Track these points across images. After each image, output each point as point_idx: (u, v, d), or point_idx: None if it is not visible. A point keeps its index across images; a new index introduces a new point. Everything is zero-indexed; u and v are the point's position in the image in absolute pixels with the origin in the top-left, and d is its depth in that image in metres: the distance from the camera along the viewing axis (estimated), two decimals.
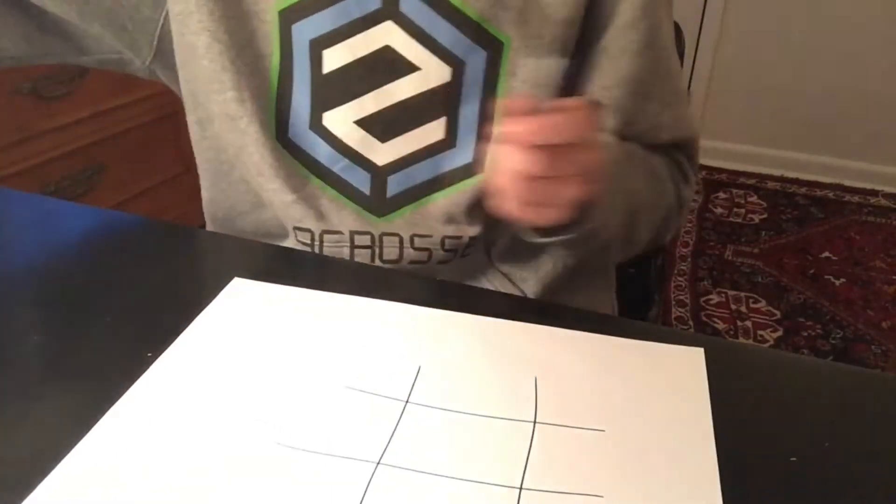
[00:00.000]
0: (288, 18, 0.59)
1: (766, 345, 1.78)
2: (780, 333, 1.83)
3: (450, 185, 0.64)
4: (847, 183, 2.59)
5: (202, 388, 0.44)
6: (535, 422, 0.42)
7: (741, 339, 1.79)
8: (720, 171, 2.67)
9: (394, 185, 0.64)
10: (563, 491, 0.38)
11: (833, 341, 1.81)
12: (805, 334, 1.83)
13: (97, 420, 0.41)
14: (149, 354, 0.47)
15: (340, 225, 0.64)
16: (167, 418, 0.42)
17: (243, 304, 0.52)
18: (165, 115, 1.77)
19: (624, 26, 0.60)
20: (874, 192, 2.55)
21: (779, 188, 2.58)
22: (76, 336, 0.49)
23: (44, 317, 0.51)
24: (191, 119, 0.66)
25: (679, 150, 0.69)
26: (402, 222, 0.64)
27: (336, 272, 0.59)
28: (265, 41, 0.60)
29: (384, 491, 0.38)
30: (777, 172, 2.66)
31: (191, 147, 0.68)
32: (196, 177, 0.69)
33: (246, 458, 0.40)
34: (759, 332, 1.83)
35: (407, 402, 0.44)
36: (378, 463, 0.40)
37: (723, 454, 0.42)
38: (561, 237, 0.56)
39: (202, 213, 0.72)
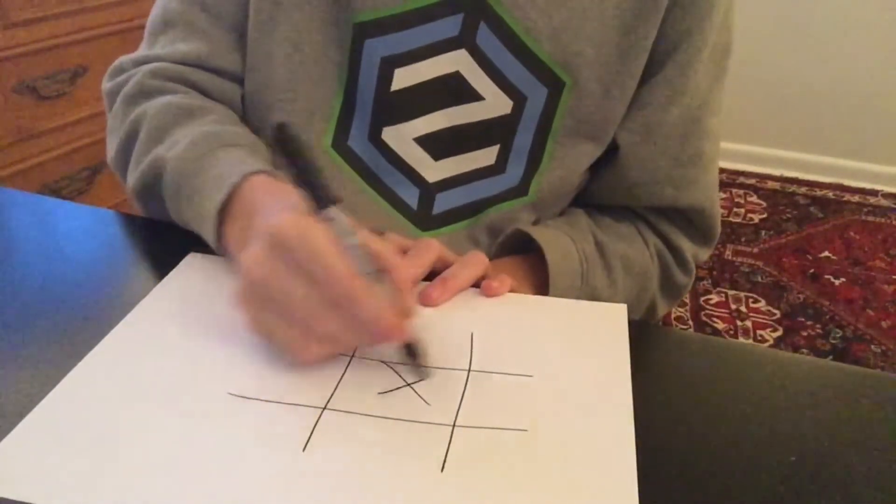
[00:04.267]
0: (362, 33, 0.60)
1: (766, 344, 1.78)
2: (779, 333, 1.83)
3: (493, 206, 0.66)
4: (847, 183, 2.59)
5: (159, 348, 0.47)
6: (469, 370, 0.47)
7: (741, 339, 1.79)
8: (720, 170, 2.67)
9: (441, 202, 0.66)
10: (492, 426, 0.42)
11: (833, 341, 1.81)
12: (805, 334, 1.83)
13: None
14: None
15: (386, 227, 0.65)
16: (125, 377, 0.45)
17: (198, 274, 0.55)
18: None
19: (661, 79, 0.62)
20: (874, 192, 2.55)
21: (778, 188, 2.58)
22: (69, 333, 0.49)
23: (42, 315, 0.51)
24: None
25: (683, 229, 0.69)
26: (443, 240, 0.65)
27: None
28: (338, 51, 0.61)
29: (330, 432, 0.41)
30: (777, 172, 2.66)
31: None
32: None
33: (200, 407, 0.43)
34: (759, 332, 1.83)
35: (352, 356, 0.47)
36: (324, 408, 0.43)
37: (722, 454, 0.42)
38: None
39: None
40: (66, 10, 1.51)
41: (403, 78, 0.61)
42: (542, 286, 0.60)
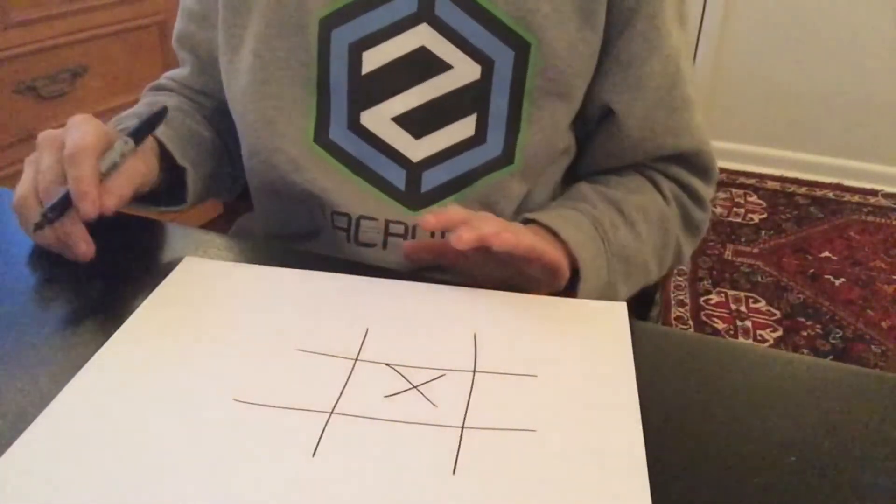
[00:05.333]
0: (328, 25, 0.63)
1: (766, 344, 1.78)
2: (779, 333, 1.83)
3: (480, 177, 0.66)
4: (847, 183, 2.59)
5: (159, 354, 0.47)
6: (474, 371, 0.47)
7: (741, 339, 1.79)
8: (720, 170, 2.66)
9: (428, 180, 0.67)
10: (501, 427, 0.42)
11: (833, 341, 1.81)
12: (805, 334, 1.83)
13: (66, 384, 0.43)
14: None
15: (377, 213, 0.67)
16: (127, 384, 0.44)
17: (196, 279, 0.54)
18: None
19: (634, 35, 0.64)
20: (874, 192, 2.55)
21: (778, 188, 2.58)
22: (69, 333, 0.49)
23: (42, 315, 0.51)
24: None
25: (689, 169, 0.71)
26: None
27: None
28: (306, 51, 0.64)
29: (339, 436, 0.41)
30: (777, 172, 2.66)
31: None
32: None
33: (206, 415, 0.42)
34: (759, 332, 1.83)
35: (356, 359, 0.47)
36: (332, 412, 0.43)
37: (722, 454, 0.42)
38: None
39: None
40: (66, 10, 1.51)
41: (372, 60, 0.63)
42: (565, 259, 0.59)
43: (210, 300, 0.52)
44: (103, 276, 0.56)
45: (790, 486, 0.40)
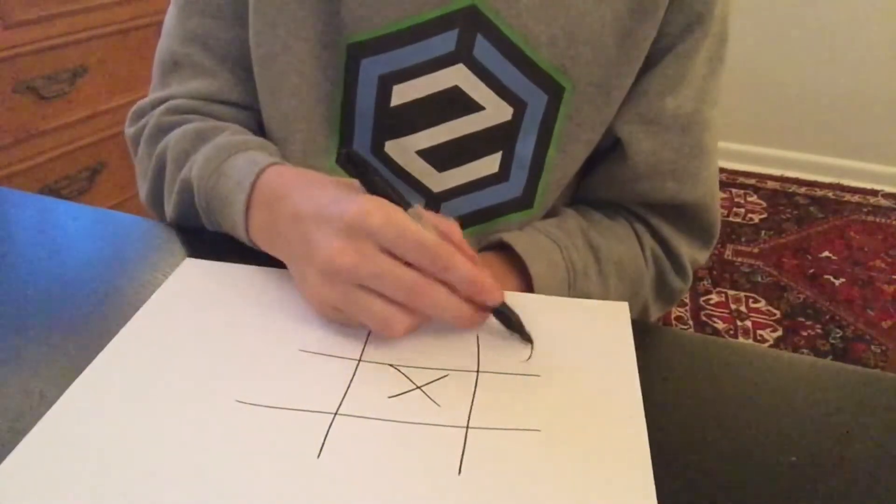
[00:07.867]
0: (357, 53, 0.61)
1: (766, 344, 1.78)
2: (779, 333, 1.83)
3: (499, 216, 0.66)
4: (847, 183, 2.59)
5: (161, 357, 0.46)
6: (478, 371, 0.47)
7: (741, 339, 1.80)
8: (720, 170, 2.67)
9: (447, 211, 0.66)
10: (505, 427, 0.42)
11: (833, 341, 1.81)
12: (805, 334, 1.83)
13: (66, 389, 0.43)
14: None
15: None
16: (129, 387, 0.44)
17: (197, 281, 0.54)
18: None
19: (658, 70, 0.61)
20: (874, 192, 2.55)
21: (778, 188, 2.58)
22: (69, 333, 0.49)
23: (42, 316, 0.51)
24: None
25: (683, 230, 0.68)
26: None
27: None
28: (335, 72, 0.62)
29: (343, 438, 0.41)
30: (777, 172, 2.66)
31: None
32: None
33: (209, 417, 0.42)
34: (759, 332, 1.83)
35: (360, 360, 0.47)
36: (335, 413, 0.43)
37: (722, 454, 0.42)
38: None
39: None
40: (66, 10, 1.52)
41: (402, 94, 0.62)
42: (526, 291, 0.60)
43: (211, 301, 0.52)
44: (104, 277, 0.56)
45: (790, 486, 0.40)
